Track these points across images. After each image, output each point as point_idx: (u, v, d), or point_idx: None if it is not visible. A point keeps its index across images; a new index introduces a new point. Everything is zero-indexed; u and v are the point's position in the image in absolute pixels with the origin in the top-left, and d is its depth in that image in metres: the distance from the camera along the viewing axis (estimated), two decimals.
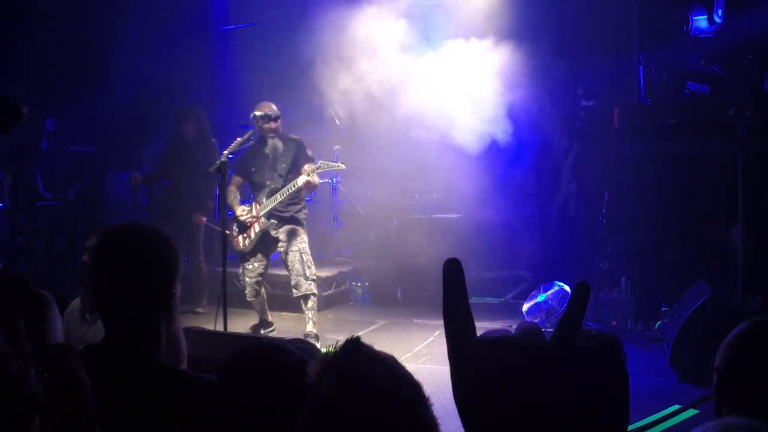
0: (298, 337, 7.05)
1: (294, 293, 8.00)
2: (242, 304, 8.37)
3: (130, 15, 11.03)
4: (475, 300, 1.76)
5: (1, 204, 10.02)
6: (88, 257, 4.87)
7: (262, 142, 8.07)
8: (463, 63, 9.06)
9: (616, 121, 9.08)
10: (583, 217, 10.08)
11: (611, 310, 8.65)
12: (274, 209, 7.97)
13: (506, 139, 9.20)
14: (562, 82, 10.08)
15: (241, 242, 8.11)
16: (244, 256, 8.16)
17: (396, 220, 10.88)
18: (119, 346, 2.47)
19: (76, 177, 10.57)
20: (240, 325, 8.40)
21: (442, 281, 1.58)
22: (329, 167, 7.97)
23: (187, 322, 7.89)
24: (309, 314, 7.96)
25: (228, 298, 6.90)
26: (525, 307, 8.65)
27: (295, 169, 7.96)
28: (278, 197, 7.91)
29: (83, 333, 4.77)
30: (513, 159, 10.06)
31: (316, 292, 8.05)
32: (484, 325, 1.66)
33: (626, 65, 9.30)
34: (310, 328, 7.93)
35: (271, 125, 7.94)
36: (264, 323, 8.44)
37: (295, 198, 8.05)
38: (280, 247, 8.05)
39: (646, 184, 8.75)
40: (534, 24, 9.45)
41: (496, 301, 9.80)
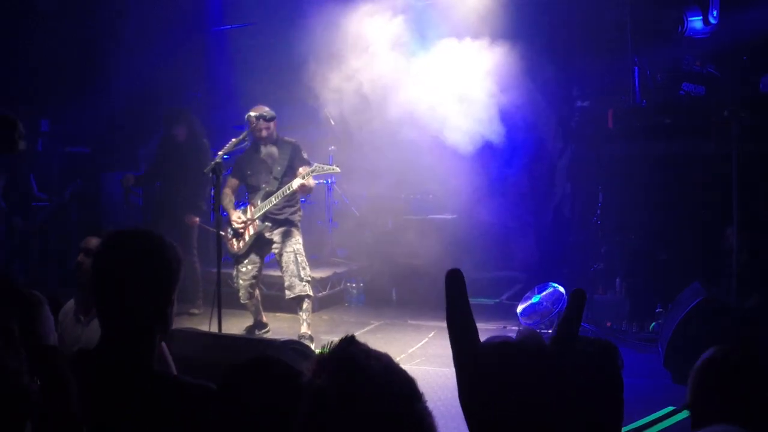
0: (293, 338, 7.02)
1: (287, 294, 7.99)
2: (237, 305, 8.35)
3: (126, 17, 11.01)
4: (470, 301, 1.78)
5: None
6: (83, 257, 4.88)
7: (257, 145, 8.06)
8: (458, 63, 9.05)
9: (611, 122, 9.08)
10: (578, 218, 10.07)
11: (606, 311, 8.64)
12: (268, 212, 7.96)
13: (501, 140, 9.20)
14: (556, 83, 10.08)
15: (235, 245, 8.10)
16: (238, 259, 8.15)
17: (391, 220, 10.88)
18: (115, 351, 2.46)
19: (71, 178, 10.54)
20: (235, 326, 8.38)
21: (445, 290, 1.65)
22: (324, 170, 7.99)
23: (182, 323, 7.89)
24: (303, 315, 7.96)
25: (223, 299, 6.88)
26: (519, 309, 8.64)
27: (290, 172, 7.95)
28: (273, 200, 7.90)
29: (77, 334, 4.76)
30: (508, 160, 10.07)
31: (310, 293, 8.05)
32: (478, 326, 1.69)
33: (621, 66, 9.30)
34: (304, 330, 7.93)
35: (266, 126, 7.92)
36: (259, 324, 8.43)
37: (290, 200, 8.04)
38: (275, 248, 8.05)
39: (641, 184, 8.75)
40: (529, 25, 9.44)
41: (490, 302, 9.78)
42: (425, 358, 7.68)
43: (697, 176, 8.42)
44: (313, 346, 7.35)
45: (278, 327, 8.73)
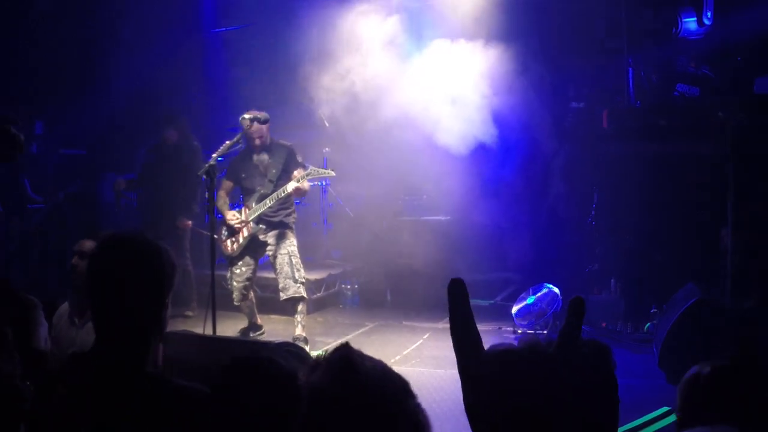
0: (287, 340, 7.02)
1: (281, 296, 7.98)
2: (231, 307, 8.33)
3: (122, 19, 10.99)
4: None
5: None
6: (78, 260, 4.87)
7: (251, 147, 8.04)
8: (452, 64, 9.05)
9: (606, 123, 9.09)
10: (573, 219, 10.06)
11: (601, 312, 8.64)
12: (263, 214, 7.95)
13: (495, 141, 9.20)
14: (551, 84, 10.09)
15: (229, 246, 8.09)
16: (232, 261, 8.13)
17: (385, 222, 10.87)
18: (110, 353, 2.45)
19: (66, 180, 10.53)
20: (229, 328, 8.37)
21: (448, 301, 1.66)
22: (319, 174, 8.00)
23: (176, 326, 7.85)
24: (298, 317, 7.95)
25: (217, 301, 6.87)
26: (514, 310, 8.65)
27: (285, 175, 7.94)
28: (268, 202, 7.89)
29: (72, 336, 4.75)
30: (502, 161, 10.06)
31: (305, 295, 8.04)
32: None
33: (616, 67, 9.32)
34: (299, 332, 7.92)
35: (260, 129, 7.90)
36: (253, 326, 8.42)
37: (285, 203, 8.03)
38: (269, 250, 8.03)
39: (636, 185, 8.75)
40: (523, 26, 9.44)
41: (485, 303, 9.77)
42: (420, 359, 7.68)
43: (692, 177, 8.42)
44: (307, 348, 7.35)
45: (273, 329, 8.72)
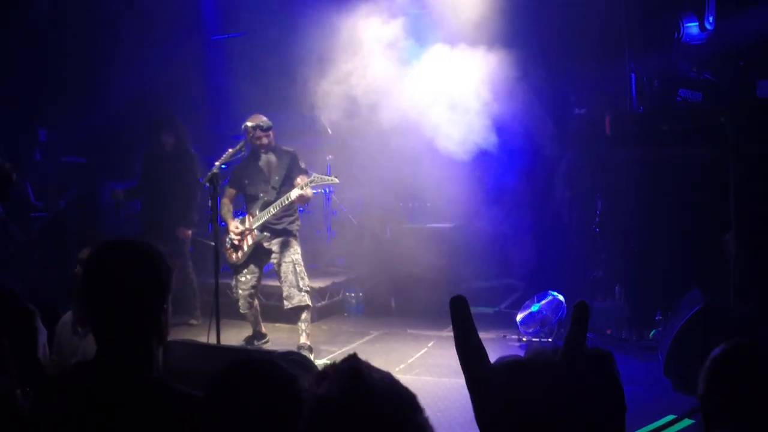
0: (292, 349, 7.00)
1: (285, 305, 7.96)
2: (235, 315, 8.33)
3: (123, 27, 11.02)
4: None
5: None
6: (80, 269, 4.86)
7: (255, 154, 8.03)
8: (453, 71, 9.04)
9: (608, 129, 9.08)
10: (576, 225, 10.05)
11: (605, 319, 8.58)
12: (267, 222, 7.94)
13: (498, 148, 9.19)
14: (553, 90, 10.08)
15: (233, 254, 8.08)
16: (237, 269, 8.12)
17: (389, 229, 10.87)
18: (112, 361, 2.44)
19: (68, 187, 10.54)
20: (233, 336, 8.36)
21: (451, 318, 1.70)
22: (323, 181, 7.95)
23: (180, 335, 7.86)
24: (302, 326, 7.93)
25: (221, 309, 6.86)
26: (519, 317, 8.62)
27: (288, 182, 7.92)
28: (271, 210, 7.88)
29: (75, 345, 4.74)
30: (505, 167, 10.05)
31: (309, 303, 8.02)
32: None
33: (618, 72, 9.30)
34: (303, 340, 7.90)
35: (262, 136, 7.89)
36: (258, 335, 8.41)
37: (289, 210, 8.01)
38: (273, 258, 8.02)
39: (639, 191, 8.74)
40: (524, 31, 9.43)
41: (489, 310, 9.75)
42: (425, 368, 7.66)
43: (695, 182, 8.42)
44: (312, 357, 7.35)
45: (277, 337, 8.70)
